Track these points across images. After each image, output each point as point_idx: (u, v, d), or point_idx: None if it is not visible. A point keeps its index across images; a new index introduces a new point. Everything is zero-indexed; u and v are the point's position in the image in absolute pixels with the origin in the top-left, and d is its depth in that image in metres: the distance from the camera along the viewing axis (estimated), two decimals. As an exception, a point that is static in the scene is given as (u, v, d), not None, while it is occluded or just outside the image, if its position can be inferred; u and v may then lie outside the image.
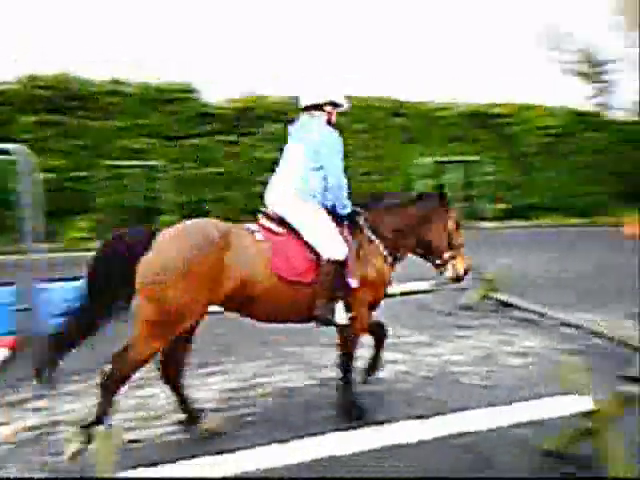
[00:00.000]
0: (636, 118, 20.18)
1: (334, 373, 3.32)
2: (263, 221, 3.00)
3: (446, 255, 3.27)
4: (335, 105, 3.18)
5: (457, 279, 3.33)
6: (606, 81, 22.14)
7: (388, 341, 3.96)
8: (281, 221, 2.98)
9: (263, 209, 3.10)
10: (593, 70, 21.91)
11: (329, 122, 3.15)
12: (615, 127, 17.09)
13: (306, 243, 2.94)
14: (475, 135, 14.45)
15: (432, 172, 13.01)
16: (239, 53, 31.65)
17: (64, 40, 23.23)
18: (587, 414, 2.38)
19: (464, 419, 2.43)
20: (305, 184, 3.01)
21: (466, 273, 3.36)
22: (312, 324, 2.97)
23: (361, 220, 3.14)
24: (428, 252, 3.32)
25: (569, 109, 16.29)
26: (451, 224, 3.30)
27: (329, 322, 2.92)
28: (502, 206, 14.47)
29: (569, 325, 4.55)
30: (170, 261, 2.53)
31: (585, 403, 2.38)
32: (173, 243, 2.61)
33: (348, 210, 3.10)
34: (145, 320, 2.54)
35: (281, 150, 3.27)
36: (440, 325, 4.89)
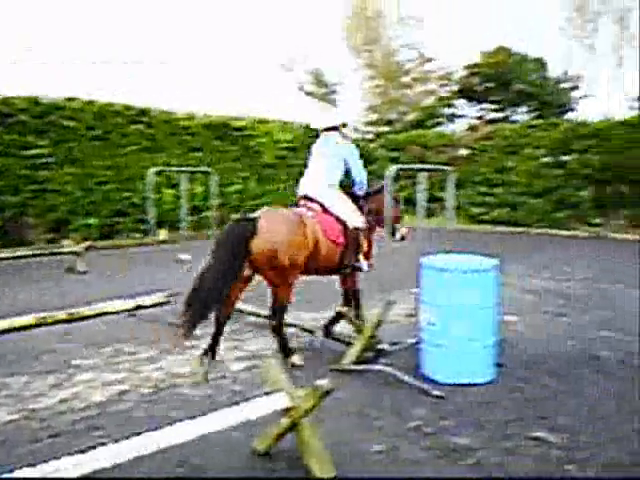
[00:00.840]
0: (360, 135, 22.83)
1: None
2: (303, 204, 4.44)
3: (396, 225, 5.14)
4: (343, 125, 4.81)
5: (402, 239, 5.11)
6: (334, 100, 24.56)
7: (110, 361, 3.76)
8: (315, 203, 4.42)
9: (302, 195, 4.55)
10: (322, 90, 24.12)
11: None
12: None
13: (336, 217, 4.37)
14: (216, 146, 14.73)
15: (169, 182, 12.90)
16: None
17: None
18: (287, 410, 2.54)
19: (177, 431, 2.39)
20: (332, 179, 4.52)
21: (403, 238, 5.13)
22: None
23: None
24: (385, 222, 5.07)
25: (302, 124, 17.63)
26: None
27: (358, 268, 4.50)
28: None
29: (293, 325, 4.86)
30: (278, 239, 3.83)
31: (285, 400, 2.54)
32: (276, 227, 3.90)
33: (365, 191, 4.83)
34: (273, 280, 3.99)
35: None
36: (169, 338, 4.79)
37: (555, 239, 13.77)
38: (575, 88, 27.19)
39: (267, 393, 2.66)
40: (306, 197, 4.52)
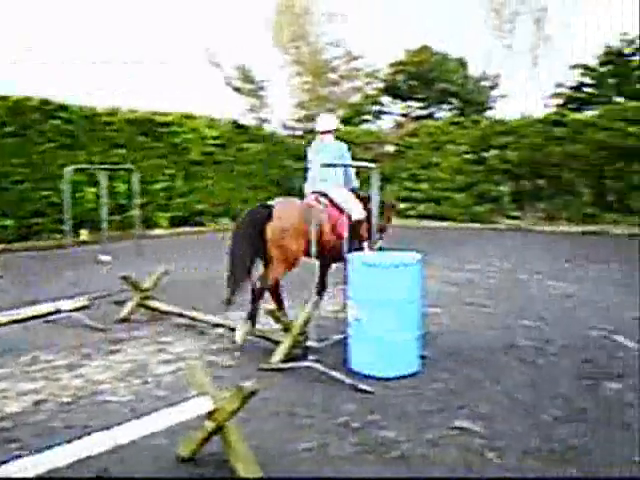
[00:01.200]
0: (285, 132, 22.80)
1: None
2: (312, 197, 4.96)
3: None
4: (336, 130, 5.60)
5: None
6: (262, 97, 24.39)
7: (27, 369, 3.58)
8: (324, 197, 5.00)
9: (311, 191, 5.14)
10: (249, 86, 23.90)
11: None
12: (272, 139, 19.00)
13: (341, 209, 5.01)
14: (141, 143, 14.28)
15: (90, 180, 12.38)
16: None
17: None
18: (211, 413, 2.49)
19: (96, 440, 2.28)
20: (336, 177, 5.22)
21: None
22: None
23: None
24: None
25: (230, 121, 17.40)
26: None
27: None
28: (170, 214, 14.69)
29: (220, 326, 4.78)
30: (290, 226, 4.45)
31: (209, 403, 2.49)
32: (290, 214, 4.54)
33: (356, 186, 5.61)
34: (276, 258, 4.45)
35: None
36: (90, 343, 4.61)
37: (477, 232, 14.28)
38: (494, 87, 28.27)
39: (192, 397, 2.59)
40: (316, 192, 5.10)
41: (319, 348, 4.10)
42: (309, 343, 4.09)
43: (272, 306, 4.42)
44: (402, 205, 17.99)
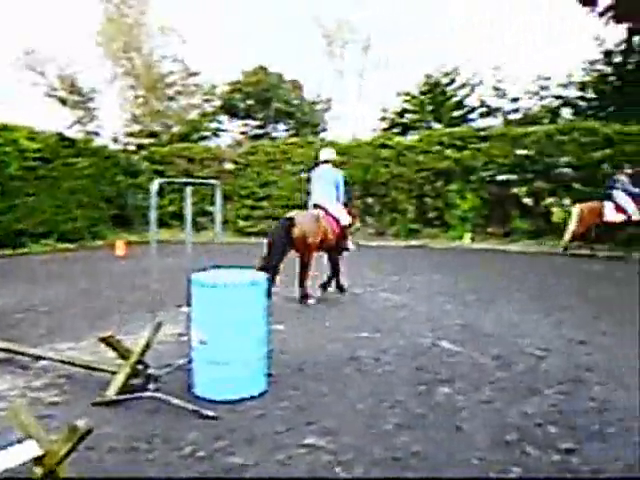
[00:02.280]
0: (120, 147, 21.70)
1: None
2: (315, 208, 7.31)
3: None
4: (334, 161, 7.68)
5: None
6: (90, 109, 22.96)
7: None
8: (321, 208, 7.26)
9: (313, 204, 7.42)
10: (75, 97, 22.39)
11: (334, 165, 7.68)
12: (103, 153, 17.91)
13: (335, 217, 7.25)
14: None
15: None
16: None
17: None
18: (40, 458, 2.22)
19: None
20: (331, 195, 7.35)
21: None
22: None
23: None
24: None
25: (54, 133, 16.10)
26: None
27: (346, 248, 7.60)
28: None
29: (44, 358, 4.33)
30: (309, 230, 6.75)
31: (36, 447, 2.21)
32: (307, 222, 6.81)
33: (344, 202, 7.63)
34: (302, 252, 6.89)
35: None
36: None
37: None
38: (327, 109, 29.64)
39: (19, 440, 2.29)
40: (317, 205, 7.40)
41: (161, 375, 3.88)
42: (150, 371, 3.86)
43: (107, 334, 4.10)
44: (242, 223, 18.01)
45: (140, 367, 3.83)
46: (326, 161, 7.60)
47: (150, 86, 24.02)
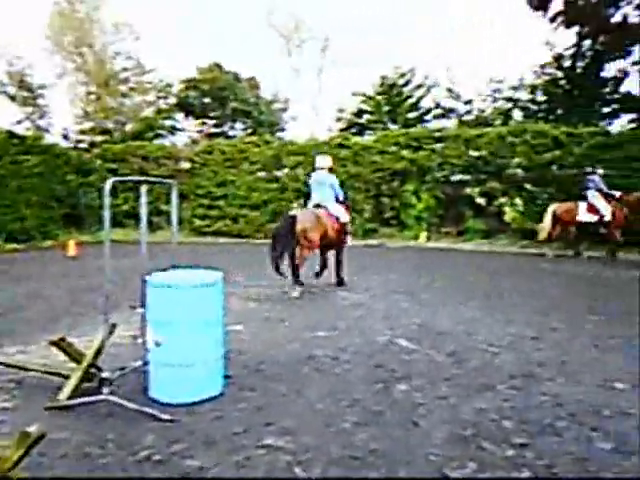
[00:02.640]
0: (72, 144, 21.12)
1: None
2: (315, 207, 8.04)
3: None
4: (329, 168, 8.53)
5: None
6: (40, 105, 22.26)
7: None
8: (323, 208, 8.02)
9: (315, 204, 8.13)
10: (24, 94, 21.67)
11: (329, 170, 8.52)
12: (54, 151, 17.38)
13: (335, 216, 8.08)
14: None
15: None
16: None
17: None
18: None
19: None
20: (330, 196, 8.18)
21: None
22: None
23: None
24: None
25: (2, 130, 15.56)
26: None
27: (346, 243, 8.57)
28: None
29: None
30: (309, 226, 7.52)
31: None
32: (307, 219, 7.59)
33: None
34: (302, 245, 7.56)
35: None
36: None
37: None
38: (285, 109, 29.58)
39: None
40: (318, 205, 8.13)
41: (115, 378, 3.79)
42: (104, 374, 3.76)
43: (58, 337, 3.97)
44: (199, 222, 17.79)
45: (93, 370, 3.74)
46: (322, 167, 8.51)
47: (102, 82, 23.45)
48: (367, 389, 3.90)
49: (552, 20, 16.91)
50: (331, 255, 8.67)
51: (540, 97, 22.17)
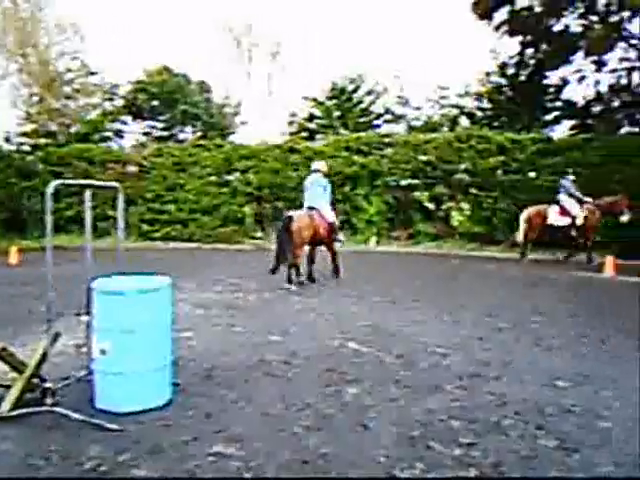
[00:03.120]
0: (14, 147, 20.37)
1: None
2: (309, 209, 8.97)
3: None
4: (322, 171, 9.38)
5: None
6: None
7: None
8: (315, 210, 8.97)
9: (307, 206, 9.04)
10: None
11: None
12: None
13: (323, 216, 9.02)
14: None
15: None
16: None
17: None
18: None
19: None
20: (322, 197, 9.08)
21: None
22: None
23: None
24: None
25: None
26: None
27: (338, 240, 9.61)
28: None
29: None
30: (303, 225, 8.57)
31: None
32: (302, 219, 8.64)
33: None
34: (298, 242, 8.58)
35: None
36: None
37: (223, 253, 14.54)
38: (237, 113, 29.39)
39: None
40: (310, 207, 9.00)
41: (59, 388, 3.67)
42: (48, 384, 3.64)
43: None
44: (147, 227, 17.44)
45: (36, 381, 3.61)
46: (317, 170, 9.33)
47: (46, 84, 22.70)
48: (318, 393, 3.92)
49: (497, 29, 17.43)
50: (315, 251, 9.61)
51: (486, 104, 22.81)
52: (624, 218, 11.76)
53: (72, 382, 3.88)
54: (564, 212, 12.18)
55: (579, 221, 11.99)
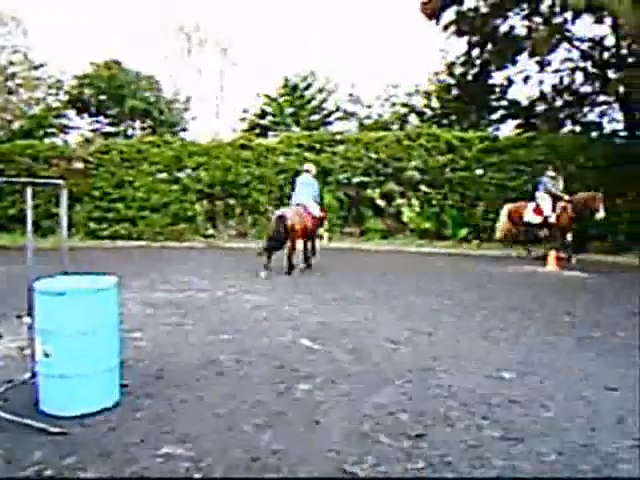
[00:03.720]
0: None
1: None
2: (296, 205, 10.05)
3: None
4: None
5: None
6: None
7: None
8: (302, 207, 10.01)
9: (297, 203, 10.11)
10: None
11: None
12: None
13: (311, 212, 10.08)
14: None
15: None
16: None
17: None
18: None
19: None
20: (309, 195, 10.25)
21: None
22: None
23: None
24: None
25: None
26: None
27: (321, 236, 12.18)
28: None
29: None
30: (296, 220, 9.50)
31: None
32: (294, 215, 9.56)
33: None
34: (292, 236, 9.51)
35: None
36: None
37: (174, 251, 14.32)
38: (186, 109, 28.93)
39: None
40: (299, 204, 9.95)
41: (3, 392, 3.55)
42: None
43: None
44: (94, 226, 16.99)
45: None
46: (307, 171, 10.61)
47: (-15, 77, 21.78)
48: (270, 390, 3.92)
49: (445, 29, 17.73)
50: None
51: (435, 103, 23.21)
52: (599, 216, 11.54)
53: (16, 385, 3.76)
54: (538, 210, 12.15)
55: (551, 220, 11.94)
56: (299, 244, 10.12)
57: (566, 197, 12.03)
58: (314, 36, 42.54)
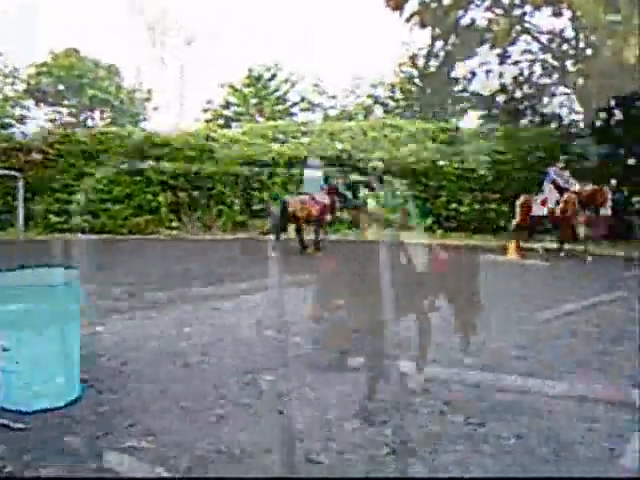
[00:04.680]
0: None
1: None
2: (303, 194, 11.41)
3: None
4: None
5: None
6: None
7: None
8: (309, 195, 11.24)
9: (303, 192, 11.54)
10: None
11: None
12: None
13: (317, 200, 11.22)
14: None
15: None
16: None
17: None
18: None
19: None
20: (316, 185, 11.53)
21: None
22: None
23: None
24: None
25: None
26: None
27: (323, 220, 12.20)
28: None
29: None
30: (298, 208, 10.83)
31: None
32: (296, 202, 10.97)
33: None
34: (295, 222, 11.06)
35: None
36: None
37: (138, 244, 14.12)
38: (149, 99, 28.46)
39: None
40: (306, 193, 11.15)
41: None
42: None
43: None
44: (55, 218, 16.60)
45: None
46: (313, 164, 11.88)
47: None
48: (234, 382, 3.92)
49: (408, 20, 17.83)
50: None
51: (398, 94, 23.39)
52: (605, 211, 11.12)
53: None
54: (544, 202, 11.83)
55: (556, 213, 11.57)
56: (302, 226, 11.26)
57: (573, 188, 11.55)
58: (279, 27, 42.32)
